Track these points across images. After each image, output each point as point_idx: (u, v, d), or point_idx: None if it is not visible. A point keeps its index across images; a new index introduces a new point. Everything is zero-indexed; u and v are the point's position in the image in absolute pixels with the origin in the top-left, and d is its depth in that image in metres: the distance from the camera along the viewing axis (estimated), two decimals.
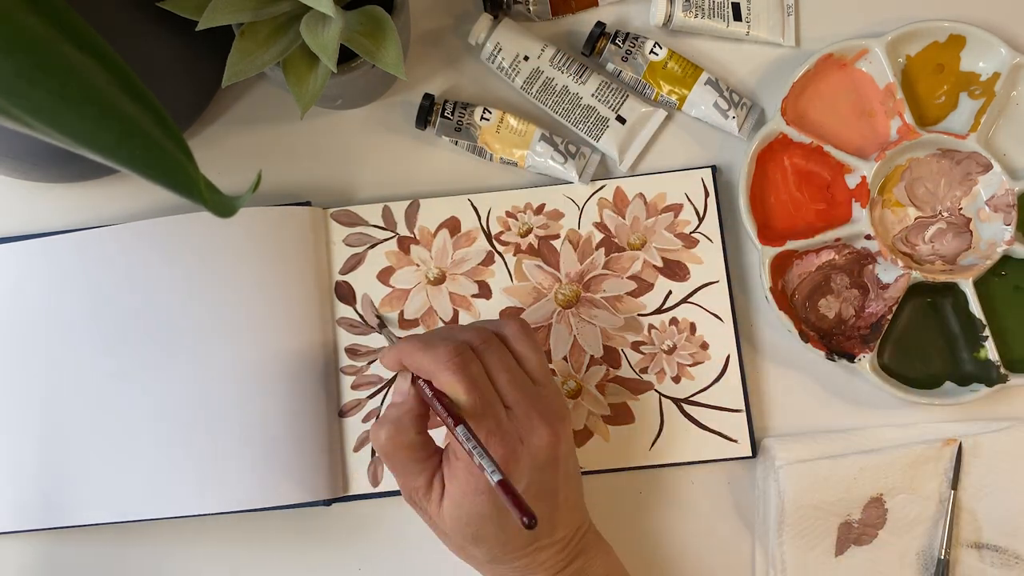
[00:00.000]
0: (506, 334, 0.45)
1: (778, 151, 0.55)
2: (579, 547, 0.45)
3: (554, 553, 0.44)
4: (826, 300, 0.54)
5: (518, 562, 0.43)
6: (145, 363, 0.51)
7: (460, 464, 0.42)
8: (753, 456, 0.52)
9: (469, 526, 0.42)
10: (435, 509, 0.43)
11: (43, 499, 0.50)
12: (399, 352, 0.44)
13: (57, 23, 0.28)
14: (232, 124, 0.57)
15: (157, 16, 0.46)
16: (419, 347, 0.43)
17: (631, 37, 0.56)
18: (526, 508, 0.36)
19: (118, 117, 0.29)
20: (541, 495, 0.43)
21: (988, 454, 0.51)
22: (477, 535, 0.42)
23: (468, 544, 0.43)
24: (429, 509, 0.43)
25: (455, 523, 0.42)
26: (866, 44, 0.55)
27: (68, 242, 0.53)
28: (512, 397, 0.42)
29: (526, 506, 0.37)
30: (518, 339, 0.45)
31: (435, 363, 0.41)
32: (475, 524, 0.42)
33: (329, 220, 0.55)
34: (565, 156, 0.55)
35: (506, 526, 0.42)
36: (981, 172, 0.54)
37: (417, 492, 0.43)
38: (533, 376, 0.44)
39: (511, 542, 0.42)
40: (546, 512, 0.43)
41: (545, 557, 0.43)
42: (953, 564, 0.51)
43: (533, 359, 0.44)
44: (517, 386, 0.43)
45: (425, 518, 0.44)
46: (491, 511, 0.41)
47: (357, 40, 0.46)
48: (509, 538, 0.42)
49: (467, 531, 0.42)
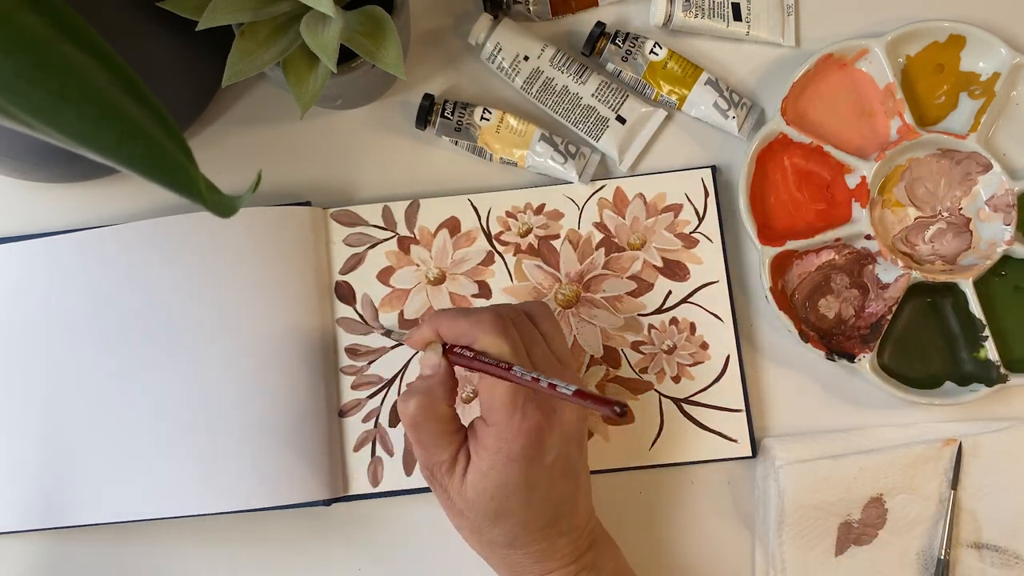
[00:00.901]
0: (533, 313, 0.45)
1: (778, 151, 0.55)
2: (591, 538, 0.45)
3: (572, 540, 0.43)
4: (826, 300, 0.54)
5: (537, 545, 0.43)
6: (145, 363, 0.51)
7: (491, 432, 0.41)
8: (753, 456, 0.52)
9: (494, 499, 0.41)
10: (457, 484, 0.42)
11: (43, 499, 0.50)
12: (436, 321, 0.44)
13: (57, 23, 0.28)
14: (232, 124, 0.57)
15: (157, 16, 0.46)
16: (459, 315, 0.43)
17: (631, 37, 0.56)
18: (611, 399, 0.36)
19: (118, 117, 0.29)
20: (568, 471, 0.43)
21: (988, 454, 0.52)
22: (500, 510, 0.42)
23: (488, 523, 0.42)
24: (451, 485, 0.43)
25: (479, 496, 0.42)
26: (866, 44, 0.55)
27: (68, 242, 0.53)
28: (544, 368, 0.43)
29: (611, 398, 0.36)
30: (544, 318, 0.45)
31: (478, 325, 0.42)
32: (500, 496, 0.41)
33: (329, 220, 0.55)
34: (565, 156, 0.55)
35: (532, 500, 0.41)
36: (981, 172, 0.54)
37: (440, 467, 0.43)
38: (558, 356, 0.44)
39: (534, 521, 0.42)
40: (570, 491, 0.43)
41: (564, 543, 0.43)
42: (953, 564, 0.51)
43: (558, 339, 0.45)
44: (546, 361, 0.43)
45: (443, 496, 0.44)
46: (519, 481, 0.41)
47: (357, 40, 0.46)
48: (532, 517, 0.42)
49: (491, 506, 0.41)
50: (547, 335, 0.45)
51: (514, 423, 0.41)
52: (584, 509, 0.45)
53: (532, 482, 0.41)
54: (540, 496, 0.42)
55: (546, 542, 0.43)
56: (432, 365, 0.44)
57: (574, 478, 0.43)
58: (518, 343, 0.42)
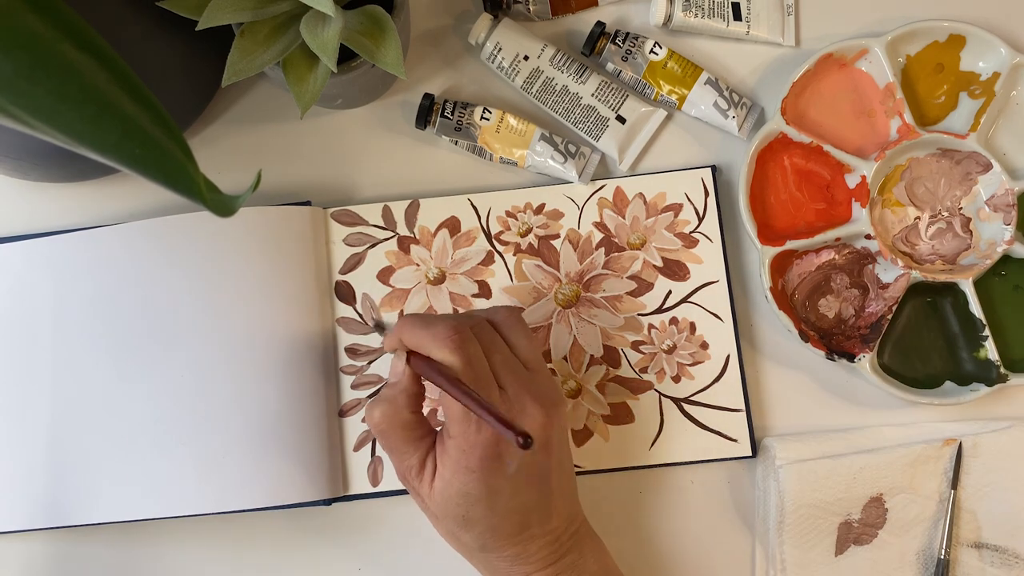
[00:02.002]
0: (496, 321, 0.45)
1: (778, 151, 0.55)
2: (572, 541, 0.44)
3: (546, 544, 0.43)
4: (826, 300, 0.54)
5: (508, 551, 0.43)
6: (145, 362, 0.51)
7: (452, 443, 0.42)
8: (753, 456, 0.52)
9: (459, 507, 0.42)
10: (427, 489, 0.43)
11: (44, 499, 0.50)
12: (400, 329, 0.44)
13: (56, 22, 0.28)
14: (232, 124, 0.57)
15: (157, 16, 0.46)
16: (419, 324, 0.43)
17: (631, 37, 0.56)
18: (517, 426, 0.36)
19: (118, 116, 0.29)
20: (533, 479, 0.42)
21: (988, 454, 0.51)
22: (467, 518, 0.42)
23: (458, 528, 0.43)
24: (421, 490, 0.43)
25: (445, 503, 0.42)
26: (866, 44, 0.55)
27: (69, 242, 0.53)
28: (505, 379, 0.43)
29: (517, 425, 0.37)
30: (507, 326, 0.45)
31: (433, 339, 0.42)
32: (464, 505, 0.42)
33: (329, 220, 0.55)
34: (565, 156, 0.55)
35: (496, 508, 0.42)
36: (981, 172, 0.54)
37: (410, 471, 0.44)
38: (526, 362, 0.44)
39: (501, 527, 0.42)
40: (538, 498, 0.43)
41: (536, 548, 0.43)
42: (953, 564, 0.51)
43: (524, 345, 0.45)
44: (510, 369, 0.43)
45: (418, 500, 0.45)
46: (481, 491, 0.41)
47: (357, 40, 0.46)
48: (499, 523, 0.42)
49: (457, 512, 0.42)
50: (512, 343, 0.44)
51: (470, 435, 0.41)
52: (562, 513, 0.44)
53: (494, 491, 0.41)
54: (504, 504, 0.42)
55: (519, 547, 0.43)
56: (396, 372, 0.45)
57: (543, 484, 0.43)
58: (473, 357, 0.42)
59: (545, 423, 0.42)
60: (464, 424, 0.41)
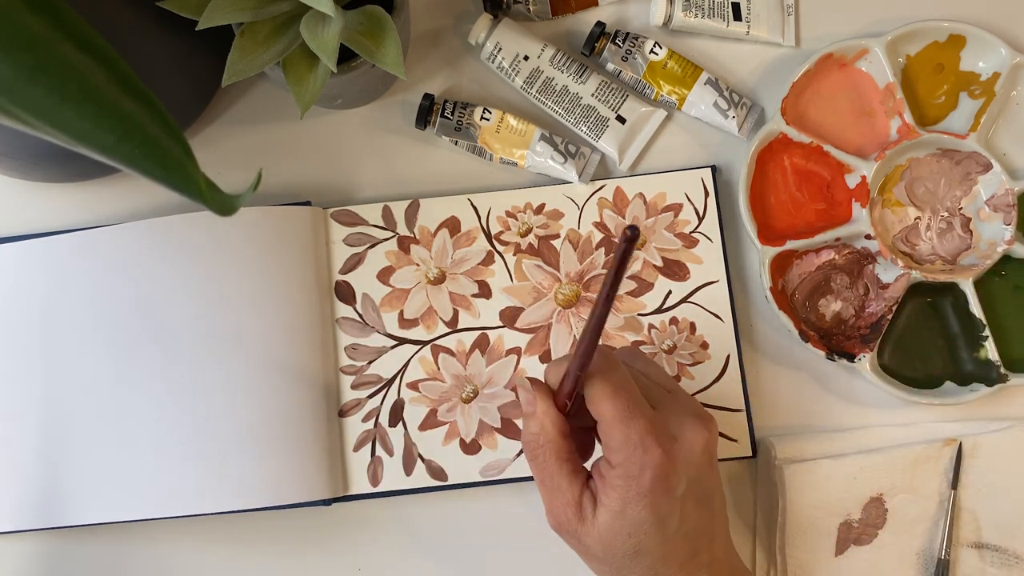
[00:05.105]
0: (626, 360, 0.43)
1: (778, 151, 0.55)
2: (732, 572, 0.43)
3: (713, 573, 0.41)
4: (826, 300, 0.54)
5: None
6: (144, 362, 0.51)
7: (616, 472, 0.39)
8: (753, 456, 0.52)
9: (631, 538, 0.40)
10: (589, 527, 0.41)
11: (43, 499, 0.50)
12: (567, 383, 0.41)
13: (57, 22, 0.28)
14: (232, 124, 0.57)
15: (157, 16, 0.46)
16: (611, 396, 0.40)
17: (631, 37, 0.56)
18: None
19: (118, 115, 0.29)
20: (701, 500, 0.41)
21: (988, 454, 0.51)
22: (639, 549, 0.40)
23: (628, 562, 0.40)
24: (581, 529, 0.41)
25: (612, 538, 0.40)
26: (866, 44, 0.55)
27: (68, 242, 0.53)
28: (656, 400, 0.41)
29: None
30: (632, 358, 0.44)
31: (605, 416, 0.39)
32: (638, 534, 0.40)
33: (329, 220, 0.55)
34: (565, 156, 0.55)
35: (667, 534, 0.40)
36: (981, 172, 0.54)
37: (568, 509, 0.41)
38: (663, 386, 0.43)
39: (673, 555, 0.40)
40: (706, 520, 0.41)
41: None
42: (953, 564, 0.51)
43: (655, 371, 0.43)
44: (655, 391, 0.42)
45: (576, 545, 0.42)
46: (654, 517, 0.39)
47: (357, 40, 0.46)
48: (671, 550, 0.40)
49: (627, 545, 0.40)
50: (642, 371, 0.43)
51: (636, 458, 0.39)
52: (723, 538, 0.43)
53: (665, 516, 0.40)
54: (675, 529, 0.40)
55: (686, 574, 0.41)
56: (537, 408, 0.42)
57: (708, 504, 0.41)
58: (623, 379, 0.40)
59: (709, 439, 0.41)
60: (628, 449, 0.39)
